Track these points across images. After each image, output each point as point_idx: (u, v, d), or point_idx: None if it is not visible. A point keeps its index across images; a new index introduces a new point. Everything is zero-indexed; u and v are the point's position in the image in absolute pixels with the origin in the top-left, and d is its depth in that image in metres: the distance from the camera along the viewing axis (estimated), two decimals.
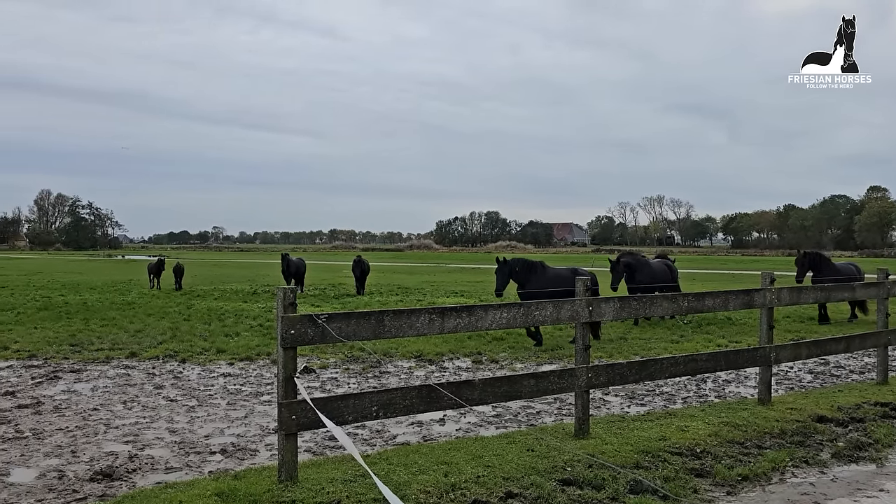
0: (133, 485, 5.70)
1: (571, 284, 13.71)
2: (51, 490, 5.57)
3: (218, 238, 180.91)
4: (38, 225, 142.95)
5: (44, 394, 9.16)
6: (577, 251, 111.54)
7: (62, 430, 7.39)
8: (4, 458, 6.43)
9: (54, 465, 6.23)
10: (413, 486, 5.15)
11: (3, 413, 8.10)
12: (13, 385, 9.68)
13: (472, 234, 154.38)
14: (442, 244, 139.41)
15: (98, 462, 6.30)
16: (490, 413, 8.20)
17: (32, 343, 13.20)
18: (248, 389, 9.52)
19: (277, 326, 5.29)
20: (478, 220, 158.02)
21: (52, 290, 27.16)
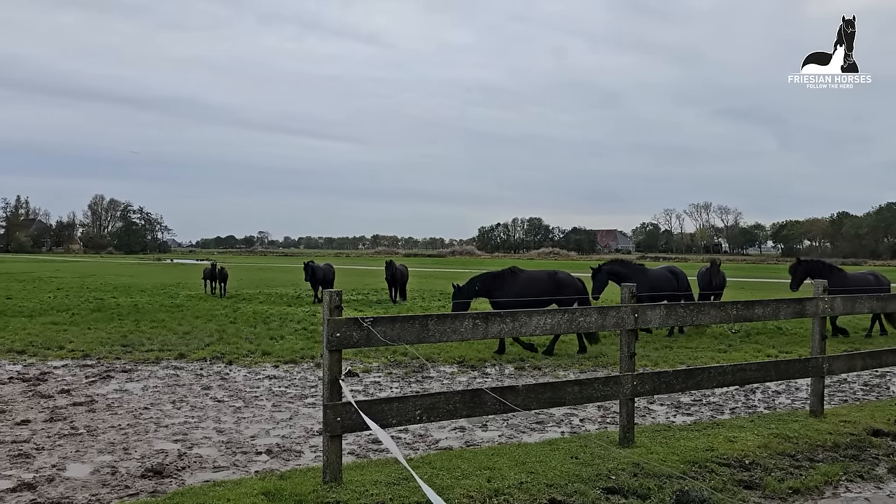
0: (182, 482, 5.83)
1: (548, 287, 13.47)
2: (104, 485, 5.73)
3: (263, 243, 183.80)
4: (92, 229, 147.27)
5: (97, 392, 9.43)
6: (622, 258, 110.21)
7: (115, 428, 7.60)
8: (61, 453, 6.64)
9: (107, 461, 6.41)
10: (456, 490, 5.16)
11: (60, 410, 8.37)
12: (68, 383, 9.98)
13: (515, 241, 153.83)
14: (484, 250, 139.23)
15: (149, 459, 6.46)
16: (533, 419, 8.15)
17: (86, 343, 13.60)
18: (292, 392, 9.65)
19: (323, 329, 5.36)
20: (520, 226, 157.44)
21: (105, 292, 27.95)
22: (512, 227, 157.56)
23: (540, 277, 13.61)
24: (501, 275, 13.54)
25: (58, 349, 12.93)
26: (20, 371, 10.91)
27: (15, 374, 10.62)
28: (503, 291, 13.25)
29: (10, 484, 5.72)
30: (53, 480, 5.83)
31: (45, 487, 5.65)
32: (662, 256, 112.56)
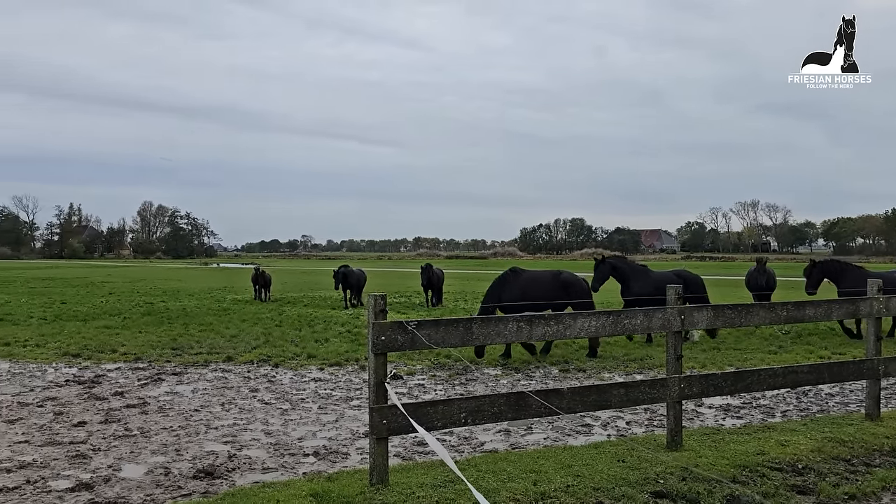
0: (233, 483, 5.95)
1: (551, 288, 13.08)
2: (158, 486, 5.88)
3: (306, 246, 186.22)
4: (141, 234, 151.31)
5: (149, 395, 9.68)
6: (666, 258, 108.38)
7: (167, 430, 7.79)
8: (116, 454, 6.84)
9: (160, 462, 6.57)
10: (502, 493, 5.15)
11: (114, 412, 8.61)
12: (121, 386, 10.27)
13: (557, 242, 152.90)
14: (526, 251, 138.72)
15: (200, 460, 6.60)
16: (578, 422, 8.09)
17: (138, 346, 13.96)
18: (338, 394, 9.76)
19: (369, 333, 5.41)
20: (562, 227, 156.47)
21: (154, 296, 28.65)
22: (554, 228, 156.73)
23: (543, 278, 13.26)
24: (504, 278, 13.17)
25: (111, 352, 13.30)
26: (76, 374, 11.26)
27: (71, 377, 10.96)
28: (508, 294, 12.84)
29: (68, 484, 5.91)
30: (109, 480, 6.01)
31: (102, 487, 5.82)
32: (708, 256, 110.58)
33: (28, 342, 14.58)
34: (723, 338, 15.18)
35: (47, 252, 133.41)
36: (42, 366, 12.04)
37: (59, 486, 5.85)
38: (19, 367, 11.87)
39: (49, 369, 11.72)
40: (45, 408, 8.85)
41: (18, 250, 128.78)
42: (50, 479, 6.05)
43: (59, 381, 10.61)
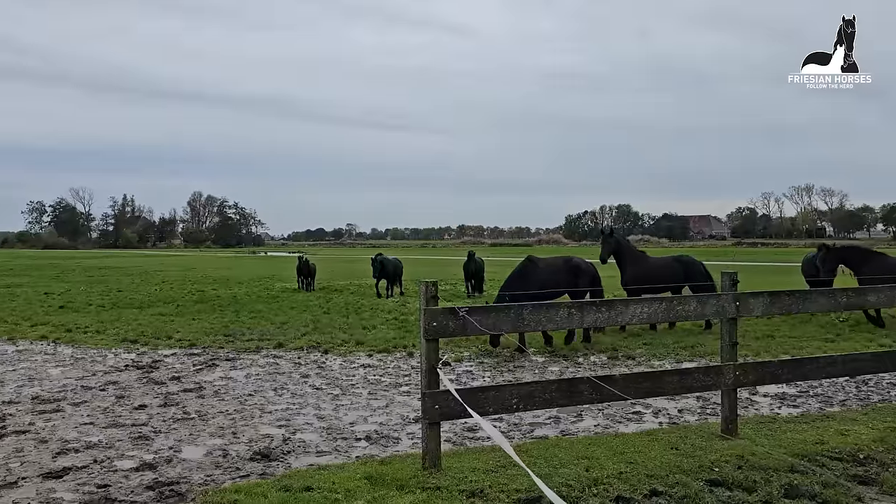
0: (289, 465, 6.08)
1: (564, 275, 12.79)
2: (217, 467, 6.05)
3: (351, 235, 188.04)
4: (191, 224, 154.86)
5: (205, 379, 9.93)
6: (716, 245, 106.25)
7: (223, 413, 7.99)
8: (176, 436, 7.05)
9: (218, 444, 6.76)
10: (554, 478, 5.15)
11: (172, 396, 8.87)
12: (178, 371, 10.56)
13: (603, 229, 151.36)
14: (571, 239, 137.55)
15: (256, 443, 6.77)
16: (630, 410, 8.02)
17: (192, 333, 14.32)
18: (387, 380, 9.87)
19: (420, 319, 5.45)
20: (608, 213, 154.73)
21: (206, 284, 29.31)
22: (599, 215, 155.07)
23: (557, 265, 13.01)
24: (524, 267, 12.84)
25: (166, 339, 13.68)
26: (134, 359, 11.62)
27: (130, 362, 11.32)
28: (527, 283, 12.43)
29: (133, 464, 6.13)
30: (171, 461, 6.21)
31: (165, 467, 6.02)
32: (760, 242, 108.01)
33: (88, 328, 15.09)
34: (777, 326, 14.83)
35: (103, 242, 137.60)
36: (102, 351, 12.46)
37: (125, 466, 6.06)
38: (81, 353, 12.31)
39: (109, 354, 12.12)
40: (107, 391, 9.16)
41: (76, 240, 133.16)
42: (115, 459, 6.28)
43: (119, 366, 10.97)
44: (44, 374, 10.37)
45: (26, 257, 70.25)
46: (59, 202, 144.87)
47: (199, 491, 5.34)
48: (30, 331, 14.89)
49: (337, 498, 4.85)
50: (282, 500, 4.83)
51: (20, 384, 9.66)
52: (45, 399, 8.71)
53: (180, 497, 5.24)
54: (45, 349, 12.80)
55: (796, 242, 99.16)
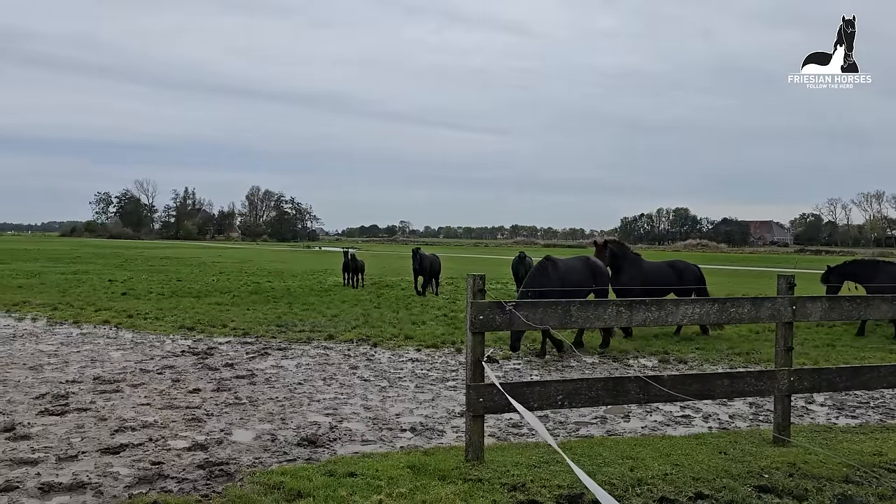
0: (334, 452, 6.19)
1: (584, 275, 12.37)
2: (266, 450, 6.20)
3: (404, 232, 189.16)
4: (249, 218, 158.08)
5: (256, 367, 10.17)
6: (778, 251, 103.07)
7: (273, 400, 8.17)
8: (227, 419, 7.25)
9: (267, 429, 6.92)
10: (598, 476, 5.11)
11: (225, 382, 9.11)
12: (231, 358, 10.83)
13: (659, 232, 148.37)
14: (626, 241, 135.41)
15: (303, 430, 6.90)
16: (678, 413, 7.89)
17: (246, 323, 14.66)
18: (434, 374, 9.92)
19: (467, 312, 5.48)
20: (665, 216, 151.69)
21: (261, 276, 29.93)
22: (656, 218, 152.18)
23: (577, 266, 12.63)
24: (543, 266, 12.23)
25: (221, 327, 14.04)
26: (190, 345, 11.97)
27: (186, 348, 11.66)
28: (548, 282, 11.87)
29: (185, 444, 6.32)
30: (222, 443, 6.38)
31: (216, 449, 6.20)
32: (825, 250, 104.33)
33: (148, 315, 15.60)
34: (839, 335, 14.34)
35: (164, 233, 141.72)
36: (161, 337, 12.87)
37: (178, 446, 6.27)
38: (141, 338, 12.74)
39: (167, 340, 12.51)
40: (163, 375, 9.46)
41: (139, 231, 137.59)
42: (169, 438, 6.49)
43: (176, 352, 11.31)
44: (105, 357, 10.77)
45: (92, 246, 72.98)
46: (125, 194, 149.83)
47: (247, 472, 5.48)
48: (94, 315, 15.48)
49: (379, 485, 4.92)
50: (326, 484, 4.92)
51: (83, 365, 10.06)
52: (106, 380, 9.06)
53: (229, 477, 5.39)
54: (108, 333, 13.29)
55: (864, 251, 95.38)
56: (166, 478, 5.40)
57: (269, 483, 5.05)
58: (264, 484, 5.04)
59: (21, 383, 8.80)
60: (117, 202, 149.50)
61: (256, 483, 5.10)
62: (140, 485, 5.24)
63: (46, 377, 9.20)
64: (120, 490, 5.14)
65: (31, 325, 14.28)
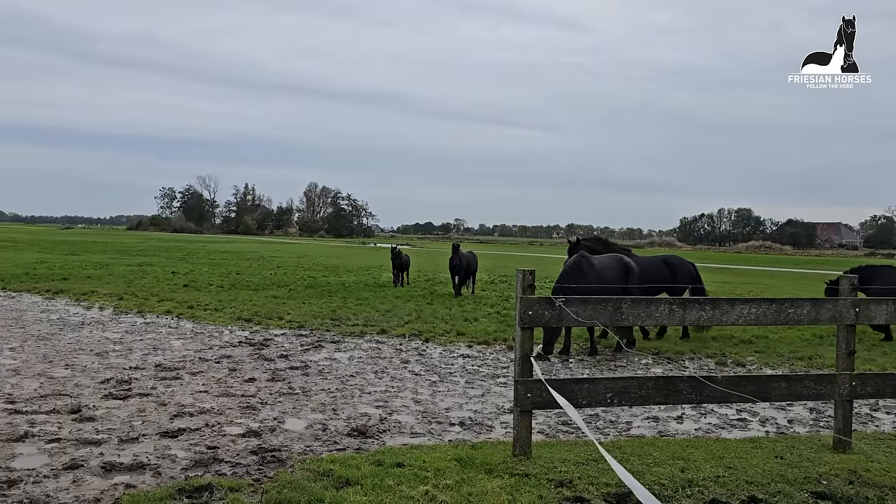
0: (383, 443, 6.26)
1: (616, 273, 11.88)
2: (317, 439, 6.32)
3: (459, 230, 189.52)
4: (306, 214, 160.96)
5: (310, 359, 10.36)
6: (846, 255, 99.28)
7: (325, 391, 8.32)
8: (281, 408, 7.41)
9: (319, 419, 7.05)
10: (647, 476, 5.04)
11: (280, 372, 9.32)
12: (286, 350, 11.06)
13: (720, 233, 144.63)
14: (685, 242, 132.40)
15: (354, 421, 7.00)
16: (732, 416, 7.70)
17: (301, 316, 14.94)
18: (484, 371, 9.93)
19: (517, 307, 5.47)
20: (727, 217, 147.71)
21: (317, 271, 30.44)
22: (717, 218, 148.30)
23: (611, 265, 12.21)
24: (578, 264, 11.86)
25: (277, 319, 14.35)
26: (247, 336, 12.27)
27: (243, 339, 11.96)
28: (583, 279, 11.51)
29: (240, 430, 6.50)
30: (275, 430, 6.54)
31: (269, 436, 6.35)
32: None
33: (208, 306, 16.06)
34: None
35: (224, 227, 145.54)
36: (219, 327, 13.24)
37: (233, 432, 6.45)
38: (200, 328, 13.13)
39: (225, 331, 12.86)
40: (221, 364, 9.73)
41: (201, 225, 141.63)
42: (225, 424, 6.68)
43: (234, 342, 11.62)
44: (167, 345, 11.14)
45: (157, 239, 75.43)
46: (188, 189, 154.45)
47: (297, 459, 5.60)
48: (157, 305, 16.02)
49: (426, 476, 4.96)
50: (373, 473, 4.99)
51: (146, 352, 10.43)
52: (167, 367, 9.37)
53: (281, 463, 5.52)
54: (169, 323, 13.74)
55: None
56: (221, 462, 5.56)
57: (318, 470, 5.15)
58: (314, 471, 5.15)
59: (88, 368, 9.18)
60: (181, 197, 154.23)
61: (307, 470, 5.20)
62: (196, 467, 5.41)
63: (111, 363, 9.57)
64: (177, 472, 5.32)
65: (98, 313, 14.88)
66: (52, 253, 38.14)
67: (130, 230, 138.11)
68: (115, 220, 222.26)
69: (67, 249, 42.73)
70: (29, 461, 5.47)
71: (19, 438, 6.02)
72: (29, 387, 8.02)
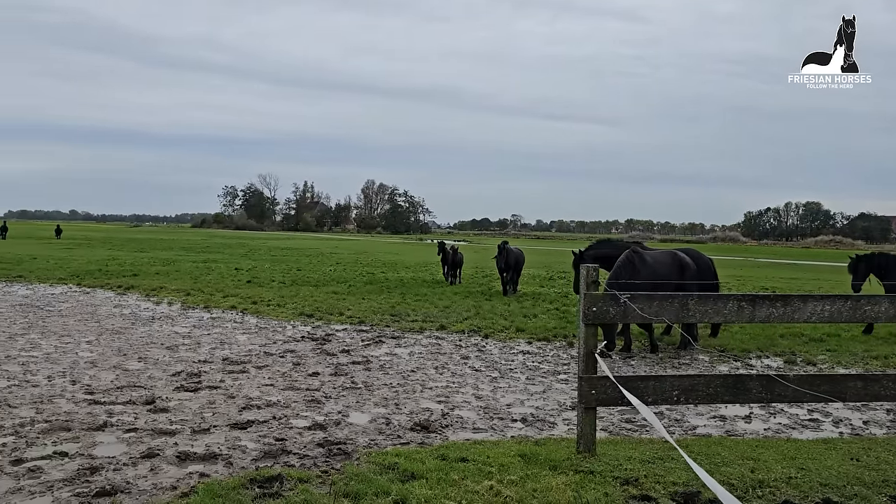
0: (446, 438, 6.31)
1: (671, 269, 11.39)
2: (380, 433, 6.41)
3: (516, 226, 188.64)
4: (364, 211, 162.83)
5: (371, 354, 10.50)
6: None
7: (387, 386, 8.42)
8: (345, 402, 7.54)
9: (382, 413, 7.14)
10: (715, 476, 4.93)
11: (342, 366, 9.47)
12: (348, 345, 11.23)
13: (787, 227, 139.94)
14: (750, 237, 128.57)
15: (416, 415, 7.07)
16: (804, 416, 7.48)
17: (361, 311, 15.14)
18: (545, 367, 9.88)
19: (580, 303, 5.42)
20: (794, 211, 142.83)
21: (375, 267, 30.78)
22: (784, 212, 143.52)
23: (665, 259, 11.87)
24: (631, 259, 11.51)
25: (338, 315, 14.58)
26: (310, 331, 12.51)
27: (306, 334, 12.20)
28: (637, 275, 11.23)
29: (306, 423, 6.65)
30: (339, 424, 6.66)
31: (334, 429, 6.47)
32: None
33: (271, 302, 16.43)
34: None
35: (284, 224, 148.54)
36: (282, 322, 13.53)
37: (299, 424, 6.59)
38: (264, 323, 13.45)
39: (288, 326, 13.14)
40: (285, 358, 9.96)
41: (262, 222, 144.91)
42: (291, 417, 6.84)
43: (297, 337, 11.86)
44: (233, 340, 11.46)
45: (220, 237, 77.49)
46: (249, 187, 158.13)
47: (363, 452, 5.69)
48: (222, 301, 16.48)
49: (490, 471, 4.97)
50: (438, 468, 5.03)
51: (213, 346, 10.75)
52: (234, 361, 9.64)
53: (346, 456, 5.61)
54: (234, 318, 14.12)
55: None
56: (289, 453, 5.70)
57: (384, 463, 5.23)
58: (379, 464, 5.22)
59: (160, 361, 9.52)
60: (242, 195, 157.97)
61: (372, 463, 5.28)
62: (265, 458, 5.56)
63: (181, 356, 9.90)
64: (247, 462, 5.48)
65: (167, 308, 15.40)
66: (122, 250, 39.64)
67: (195, 228, 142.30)
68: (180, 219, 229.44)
69: (136, 247, 44.35)
70: (109, 449, 5.72)
71: (99, 428, 6.30)
72: (106, 378, 8.37)
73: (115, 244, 47.44)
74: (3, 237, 51.73)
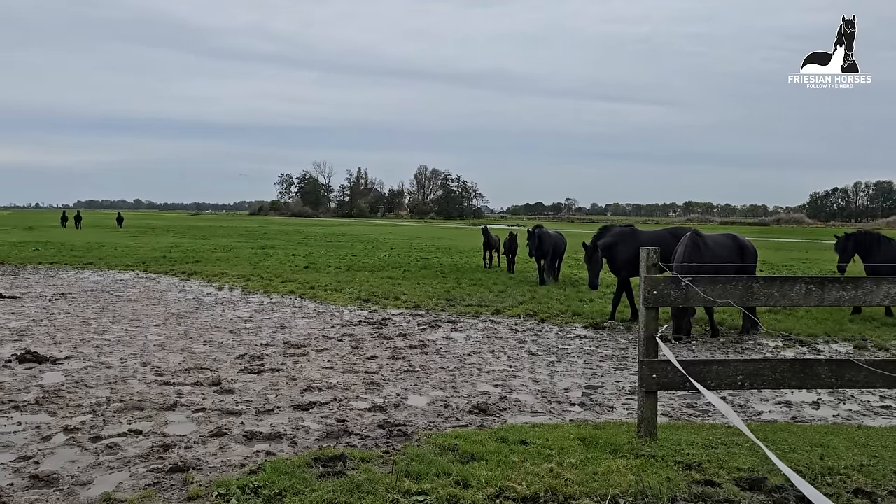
0: (504, 421, 6.33)
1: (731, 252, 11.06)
2: (439, 415, 6.47)
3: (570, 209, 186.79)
4: (417, 196, 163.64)
5: (428, 338, 10.58)
6: None
7: (444, 369, 8.48)
8: (403, 385, 7.64)
9: (440, 396, 7.21)
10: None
11: (399, 350, 9.58)
12: (404, 329, 11.34)
13: (857, 208, 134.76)
14: (816, 219, 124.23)
15: (474, 398, 7.11)
16: (876, 403, 7.23)
17: (416, 296, 15.26)
18: (603, 352, 9.80)
19: (640, 286, 5.35)
20: (864, 191, 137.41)
21: (429, 252, 30.93)
22: (853, 193, 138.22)
23: (725, 242, 11.62)
24: (696, 245, 11.09)
25: (394, 299, 14.72)
26: (366, 316, 12.68)
27: (363, 318, 12.37)
28: (699, 259, 10.89)
29: (366, 405, 6.76)
30: (399, 406, 6.75)
31: (393, 411, 6.57)
32: None
33: (328, 287, 16.71)
34: None
35: (339, 211, 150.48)
36: (340, 307, 13.75)
37: (359, 406, 6.71)
38: (322, 308, 13.69)
39: (345, 310, 13.34)
40: (343, 342, 10.12)
41: (317, 209, 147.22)
42: (351, 399, 6.97)
43: (354, 321, 12.04)
44: (292, 324, 11.70)
45: (277, 223, 79.00)
46: (304, 174, 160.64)
47: (423, 433, 5.76)
48: (281, 286, 16.84)
49: (550, 454, 4.98)
50: (497, 450, 5.06)
51: (274, 331, 11.00)
52: (294, 344, 9.85)
53: (406, 437, 5.70)
54: (293, 302, 14.41)
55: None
56: (350, 434, 5.81)
57: (443, 445, 5.28)
58: (439, 445, 5.28)
59: (224, 344, 9.80)
60: (298, 182, 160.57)
61: (432, 444, 5.35)
62: (328, 438, 5.68)
63: (244, 340, 10.17)
64: (311, 442, 5.61)
65: (228, 293, 15.82)
66: (184, 237, 40.84)
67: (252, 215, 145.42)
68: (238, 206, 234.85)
69: (198, 234, 45.60)
70: (179, 428, 5.93)
71: (170, 407, 6.54)
72: (174, 360, 8.67)
73: (178, 232, 48.90)
74: (77, 226, 54.04)
